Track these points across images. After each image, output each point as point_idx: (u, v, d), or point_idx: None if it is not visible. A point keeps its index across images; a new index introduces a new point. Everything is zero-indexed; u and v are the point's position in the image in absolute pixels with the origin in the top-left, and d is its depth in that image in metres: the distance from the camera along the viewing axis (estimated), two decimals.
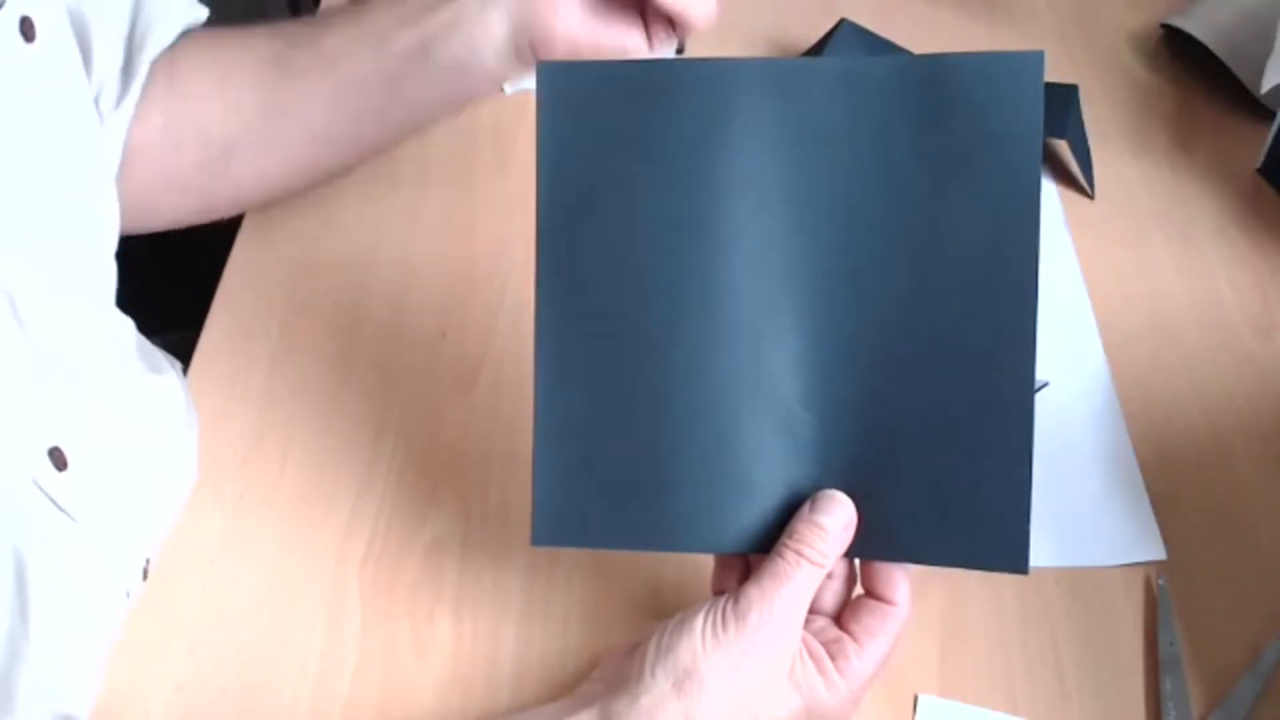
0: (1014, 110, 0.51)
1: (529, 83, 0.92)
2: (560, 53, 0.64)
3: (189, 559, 0.64)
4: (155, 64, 0.67)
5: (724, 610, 0.51)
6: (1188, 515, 0.67)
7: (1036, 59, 0.51)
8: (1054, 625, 0.63)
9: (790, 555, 0.52)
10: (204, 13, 0.71)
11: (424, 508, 0.67)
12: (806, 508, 0.53)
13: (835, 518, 0.53)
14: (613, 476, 0.55)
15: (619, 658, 0.56)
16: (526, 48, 0.64)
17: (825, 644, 0.53)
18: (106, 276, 0.61)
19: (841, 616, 0.54)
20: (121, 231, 0.63)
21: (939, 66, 0.52)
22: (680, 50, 0.96)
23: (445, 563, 0.65)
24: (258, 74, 0.69)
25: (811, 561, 0.52)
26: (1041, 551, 0.65)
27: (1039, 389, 0.73)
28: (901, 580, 0.54)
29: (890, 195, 0.53)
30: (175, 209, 0.71)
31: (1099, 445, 0.70)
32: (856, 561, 0.56)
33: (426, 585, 0.64)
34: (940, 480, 0.53)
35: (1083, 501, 0.68)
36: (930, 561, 0.55)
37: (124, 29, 0.66)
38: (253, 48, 0.69)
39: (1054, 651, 0.62)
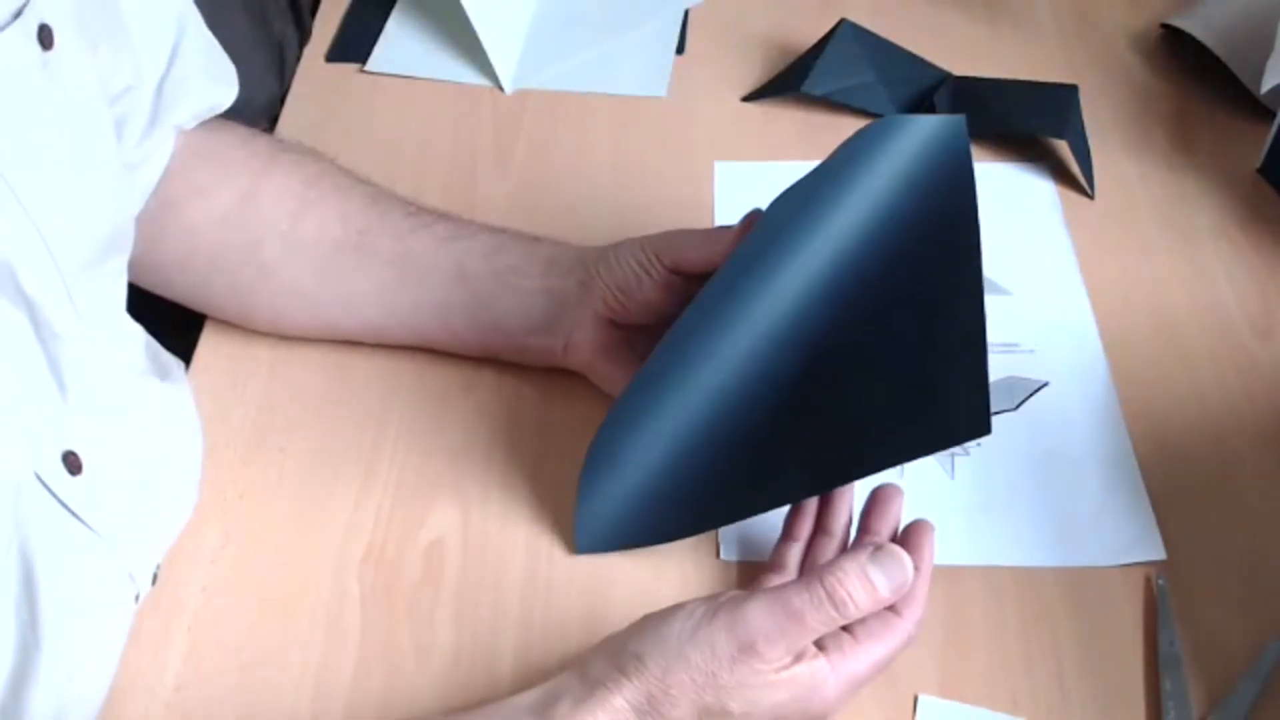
0: (950, 166, 0.61)
1: (529, 82, 0.93)
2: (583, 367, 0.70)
3: (189, 559, 0.64)
4: (245, 162, 0.71)
5: (722, 613, 0.52)
6: (1187, 515, 0.67)
7: (959, 122, 0.61)
8: (1054, 625, 0.63)
9: (820, 593, 0.51)
10: (232, 91, 0.73)
11: (424, 508, 0.67)
12: (865, 554, 0.53)
13: (891, 580, 0.52)
14: (642, 485, 0.63)
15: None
16: (559, 349, 0.70)
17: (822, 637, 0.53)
18: (118, 286, 0.62)
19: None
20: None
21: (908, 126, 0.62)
22: (680, 50, 0.96)
23: (445, 563, 0.65)
24: (337, 230, 0.70)
25: (838, 608, 0.52)
26: (1041, 551, 0.66)
27: (1038, 389, 0.73)
28: (916, 600, 0.55)
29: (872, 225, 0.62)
30: (185, 289, 0.72)
31: (1098, 445, 0.70)
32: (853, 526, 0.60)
33: (426, 585, 0.64)
34: (903, 387, 0.58)
35: (1082, 501, 0.68)
36: (901, 459, 0.60)
37: (160, 69, 0.67)
38: (346, 203, 0.71)
39: (1054, 651, 0.62)
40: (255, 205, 0.70)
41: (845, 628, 0.54)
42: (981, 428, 0.56)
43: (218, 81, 0.71)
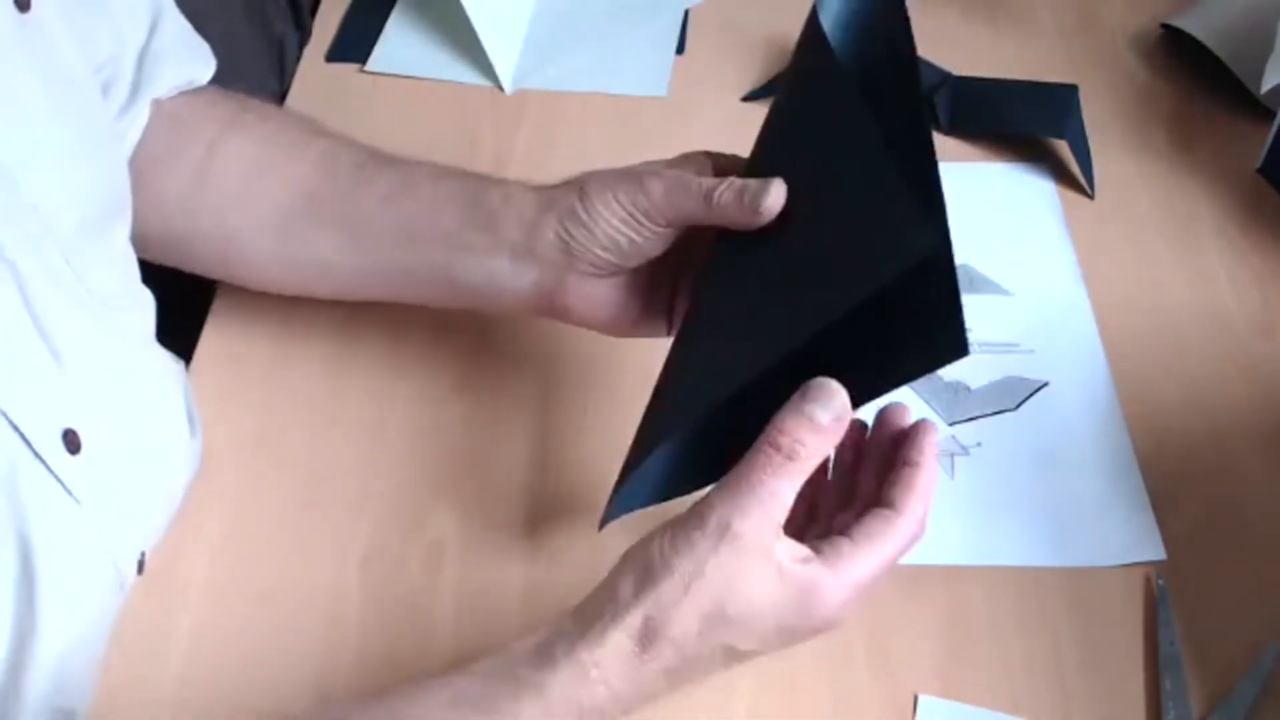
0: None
1: (529, 81, 0.93)
2: (579, 324, 0.66)
3: (189, 558, 0.64)
4: (203, 127, 0.70)
5: (692, 511, 0.51)
6: (1188, 515, 0.67)
7: None
8: (1054, 625, 0.63)
9: (767, 450, 0.50)
10: (210, 66, 0.73)
11: (424, 508, 0.67)
12: (797, 396, 0.51)
13: (828, 409, 0.51)
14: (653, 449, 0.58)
15: None
16: (546, 309, 0.65)
17: (815, 543, 0.52)
18: (121, 257, 0.62)
19: (842, 524, 0.53)
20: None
21: None
22: (680, 50, 0.96)
23: (445, 563, 0.65)
24: (288, 196, 0.69)
25: (791, 458, 0.50)
26: (1042, 551, 0.66)
27: (1038, 389, 0.73)
28: (914, 492, 0.53)
29: None
30: (173, 259, 0.72)
31: (1099, 445, 0.70)
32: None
33: (426, 585, 0.64)
34: (881, 324, 0.54)
35: (1083, 501, 0.68)
36: (886, 389, 0.55)
37: (140, 39, 0.67)
38: (296, 166, 0.70)
39: (1054, 651, 0.62)
40: (212, 175, 0.69)
41: (843, 532, 0.52)
42: (960, 350, 0.52)
43: (195, 57, 0.72)
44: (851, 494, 0.57)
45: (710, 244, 0.61)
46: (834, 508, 0.57)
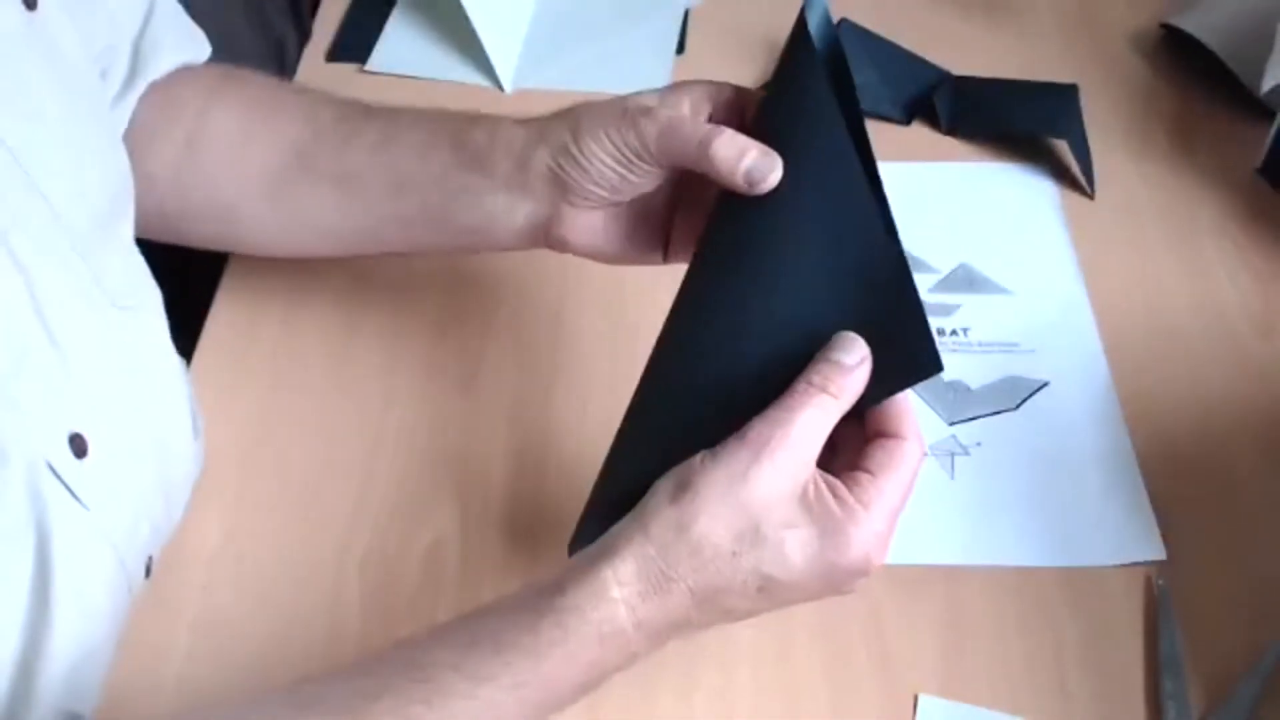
0: None
1: (529, 81, 0.93)
2: (576, 254, 0.65)
3: (189, 558, 0.64)
4: (189, 101, 0.70)
5: (731, 439, 0.51)
6: (1188, 515, 0.67)
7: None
8: (1054, 625, 0.63)
9: (802, 385, 0.52)
10: (206, 50, 0.73)
11: (424, 508, 0.67)
12: (824, 349, 0.53)
13: (850, 354, 0.53)
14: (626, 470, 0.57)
15: None
16: (542, 241, 0.65)
17: (840, 478, 0.52)
18: (129, 252, 0.62)
19: (853, 463, 0.54)
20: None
21: None
22: (680, 50, 0.96)
23: (445, 563, 0.65)
24: (277, 158, 0.69)
25: (824, 391, 0.52)
26: (1042, 551, 0.65)
27: (1039, 389, 0.73)
28: (904, 413, 0.54)
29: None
30: (171, 235, 0.72)
31: (1099, 445, 0.70)
32: None
33: (426, 585, 0.64)
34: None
35: (1083, 501, 0.68)
36: (866, 406, 0.55)
37: (135, 27, 0.68)
38: (282, 127, 0.69)
39: (1054, 651, 0.62)
40: (200, 147, 0.69)
41: (857, 468, 0.53)
42: (934, 367, 0.53)
43: (189, 43, 0.72)
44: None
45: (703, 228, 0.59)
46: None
